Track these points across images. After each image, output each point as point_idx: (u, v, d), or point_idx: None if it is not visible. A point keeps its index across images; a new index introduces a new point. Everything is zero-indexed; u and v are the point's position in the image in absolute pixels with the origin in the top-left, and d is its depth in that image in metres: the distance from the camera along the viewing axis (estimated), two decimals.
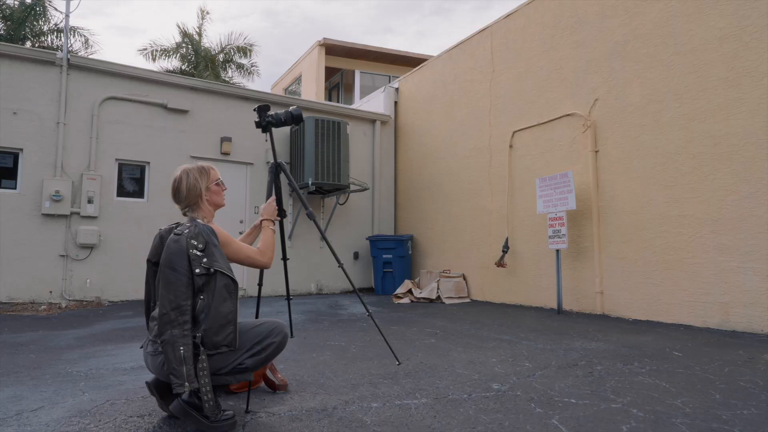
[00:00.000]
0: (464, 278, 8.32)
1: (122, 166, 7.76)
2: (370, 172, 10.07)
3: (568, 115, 6.64)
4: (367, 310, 3.12)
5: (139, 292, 7.55)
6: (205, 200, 2.39)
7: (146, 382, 2.27)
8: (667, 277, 5.43)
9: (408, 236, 9.31)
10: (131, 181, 7.86)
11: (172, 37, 29.61)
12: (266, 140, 8.97)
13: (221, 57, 19.68)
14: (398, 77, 11.45)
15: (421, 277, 8.66)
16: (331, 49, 15.25)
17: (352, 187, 9.12)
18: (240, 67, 19.83)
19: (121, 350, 4.09)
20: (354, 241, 9.64)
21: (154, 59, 18.05)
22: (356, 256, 9.71)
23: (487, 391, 2.83)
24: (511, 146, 7.55)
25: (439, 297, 7.85)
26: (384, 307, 7.22)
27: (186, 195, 2.35)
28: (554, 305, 6.58)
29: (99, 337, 4.70)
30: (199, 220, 2.29)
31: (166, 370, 2.08)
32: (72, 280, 7.18)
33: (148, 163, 7.89)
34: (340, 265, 3.38)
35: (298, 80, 17.24)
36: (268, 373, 2.85)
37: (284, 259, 3.27)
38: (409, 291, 8.23)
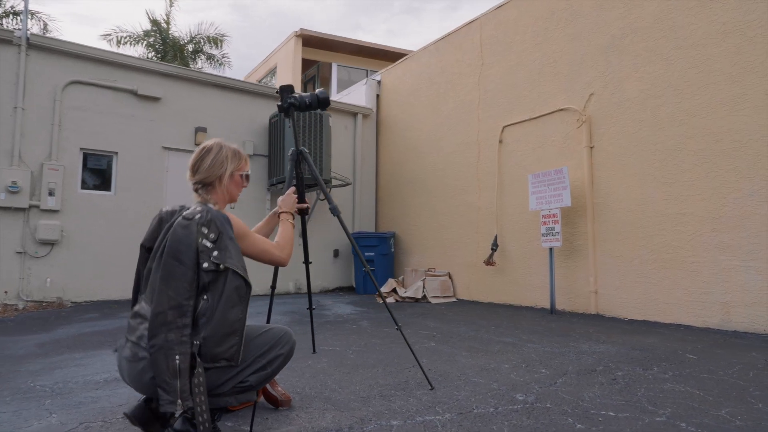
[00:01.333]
0: (450, 277, 8.08)
1: (87, 156, 7.20)
2: (351, 166, 9.73)
3: (561, 109, 6.46)
4: (396, 324, 2.78)
5: (105, 292, 7.04)
6: (224, 185, 2.03)
7: (124, 414, 1.86)
8: (665, 276, 5.30)
9: (391, 233, 9.02)
10: (97, 172, 7.30)
11: (139, 25, 28.48)
12: (289, 126, 8.49)
13: (191, 47, 18.96)
14: (376, 72, 11.15)
15: (405, 275, 8.38)
16: (308, 40, 14.80)
17: (334, 182, 8.77)
18: (210, 57, 19.12)
19: (90, 359, 3.66)
20: (334, 238, 9.28)
21: (118, 46, 17.19)
22: (336, 254, 9.35)
23: (512, 403, 2.56)
24: (500, 141, 7.34)
25: (424, 296, 7.59)
26: (369, 307, 6.91)
27: (207, 169, 1.99)
28: (546, 305, 6.40)
29: (64, 344, 4.24)
30: (211, 205, 1.93)
31: (151, 380, 1.70)
32: (30, 279, 6.60)
33: (116, 153, 7.34)
34: (366, 270, 3.03)
35: (272, 72, 16.71)
36: (268, 386, 2.52)
37: (306, 262, 2.93)
38: (394, 290, 7.95)
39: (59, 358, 3.69)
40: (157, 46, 18.26)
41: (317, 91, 2.74)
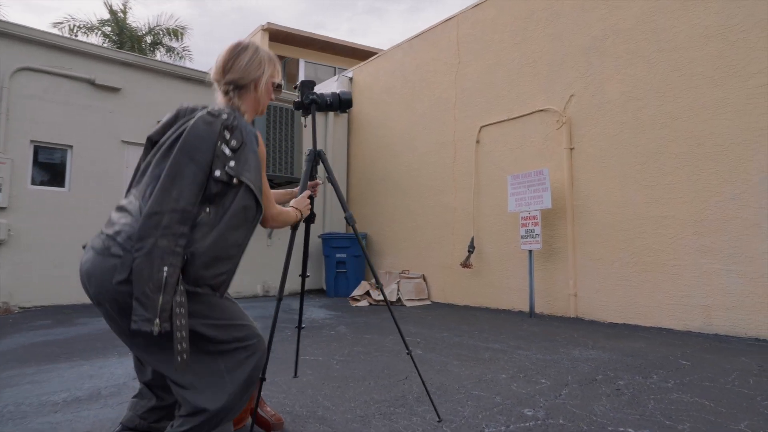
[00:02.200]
0: (424, 279, 7.92)
1: (38, 149, 6.65)
2: (322, 164, 9.41)
3: (541, 110, 6.39)
4: (407, 348, 2.53)
5: (58, 296, 6.52)
6: (260, 91, 1.77)
7: None
8: (645, 279, 5.28)
9: (363, 234, 8.79)
10: (49, 166, 6.76)
11: (93, 14, 27.26)
12: (305, 125, 7.93)
13: (149, 39, 18.21)
14: (345, 69, 10.90)
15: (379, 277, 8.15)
16: (275, 35, 14.37)
17: None
18: (170, 50, 18.44)
19: (45, 374, 3.28)
20: (303, 240, 8.94)
21: (71, 35, 16.27)
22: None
23: (523, 419, 2.39)
24: (477, 142, 7.22)
25: (399, 299, 7.40)
26: (343, 311, 6.66)
27: (242, 69, 1.71)
28: (524, 308, 6.31)
29: (13, 356, 3.81)
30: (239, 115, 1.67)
31: (120, 286, 1.40)
32: None
33: (71, 146, 6.82)
34: (379, 285, 2.77)
35: None
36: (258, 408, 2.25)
37: (303, 275, 2.64)
38: (367, 293, 7.71)
39: (8, 374, 3.28)
40: (113, 37, 17.43)
41: (339, 91, 2.52)
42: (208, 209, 1.50)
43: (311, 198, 2.34)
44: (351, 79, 9.97)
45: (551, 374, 3.26)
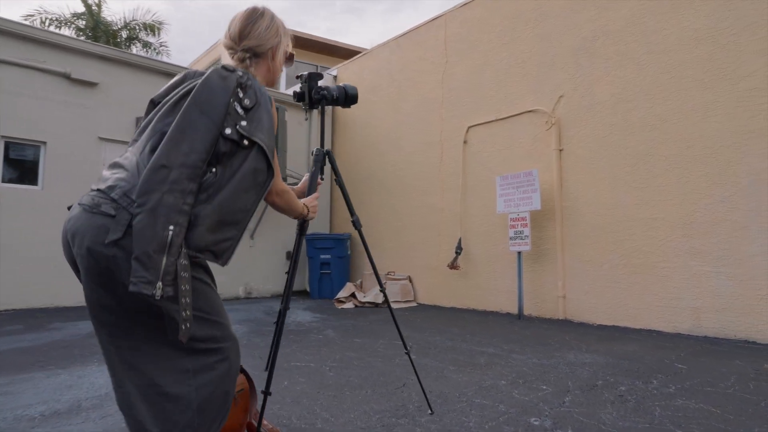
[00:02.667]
0: (410, 280, 7.83)
1: (9, 146, 6.35)
2: (306, 163, 9.26)
3: (529, 111, 6.35)
4: (405, 348, 2.44)
5: (30, 299, 6.24)
6: (277, 61, 1.69)
7: None
8: (635, 282, 5.28)
9: (347, 235, 8.65)
10: (21, 163, 6.46)
11: (67, 7, 26.49)
12: (306, 118, 7.29)
13: (125, 33, 17.75)
14: (327, 68, 10.75)
15: (363, 279, 8.04)
16: None
17: (290, 180, 8.29)
18: (147, 45, 18.00)
19: (19, 384, 3.07)
20: (287, 240, 8.80)
21: (42, 28, 15.72)
22: (289, 256, 8.87)
23: (531, 430, 2.30)
24: (465, 142, 7.16)
25: (385, 301, 7.28)
26: (328, 313, 6.52)
27: (260, 36, 1.62)
28: (512, 309, 6.27)
29: None
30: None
31: (111, 247, 1.26)
32: None
33: (45, 143, 6.53)
34: (382, 290, 2.65)
35: (217, 63, 15.86)
36: (252, 420, 2.11)
37: (290, 272, 2.49)
38: (352, 295, 7.59)
39: None
40: (87, 32, 16.93)
41: (344, 84, 2.39)
42: (214, 169, 1.38)
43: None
44: (335, 77, 9.83)
45: (551, 380, 3.19)
